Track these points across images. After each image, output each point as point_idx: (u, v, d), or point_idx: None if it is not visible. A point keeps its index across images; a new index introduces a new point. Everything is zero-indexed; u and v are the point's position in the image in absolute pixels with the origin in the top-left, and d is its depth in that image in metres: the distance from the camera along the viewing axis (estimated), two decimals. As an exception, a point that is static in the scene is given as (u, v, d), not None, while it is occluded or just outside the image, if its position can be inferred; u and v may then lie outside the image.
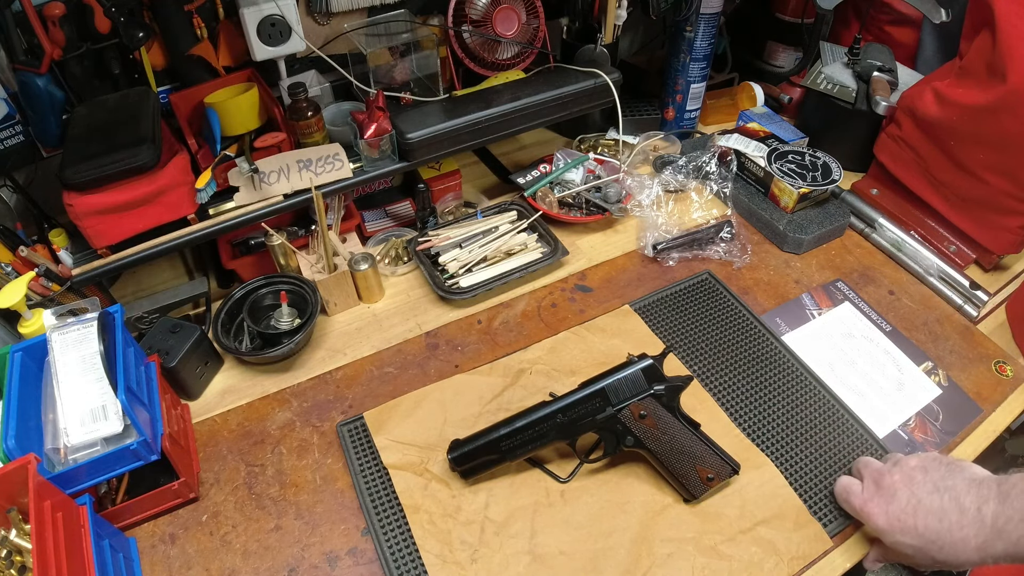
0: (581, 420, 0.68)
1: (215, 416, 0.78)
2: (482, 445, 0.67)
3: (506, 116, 0.92)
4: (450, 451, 0.68)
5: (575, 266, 0.96)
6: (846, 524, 0.67)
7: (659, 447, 0.67)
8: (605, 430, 0.69)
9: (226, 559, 0.65)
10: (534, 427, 0.67)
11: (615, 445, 0.69)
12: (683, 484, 0.67)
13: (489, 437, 0.67)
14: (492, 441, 0.67)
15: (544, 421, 0.67)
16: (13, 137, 0.82)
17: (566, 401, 0.68)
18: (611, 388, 0.68)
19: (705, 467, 0.66)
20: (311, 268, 0.86)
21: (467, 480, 0.69)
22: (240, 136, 0.87)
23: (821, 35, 1.12)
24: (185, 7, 0.83)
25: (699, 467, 0.66)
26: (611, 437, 0.69)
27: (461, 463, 0.68)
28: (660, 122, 1.22)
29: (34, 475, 0.52)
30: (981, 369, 0.83)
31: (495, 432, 0.67)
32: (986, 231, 0.91)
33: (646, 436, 0.67)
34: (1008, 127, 0.82)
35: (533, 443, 0.67)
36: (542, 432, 0.67)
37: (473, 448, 0.67)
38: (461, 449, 0.68)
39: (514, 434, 0.67)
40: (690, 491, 0.67)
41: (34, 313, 0.71)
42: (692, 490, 0.67)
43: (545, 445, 0.68)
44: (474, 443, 0.67)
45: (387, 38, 0.94)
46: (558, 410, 0.68)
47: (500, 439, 0.67)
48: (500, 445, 0.67)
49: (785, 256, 0.98)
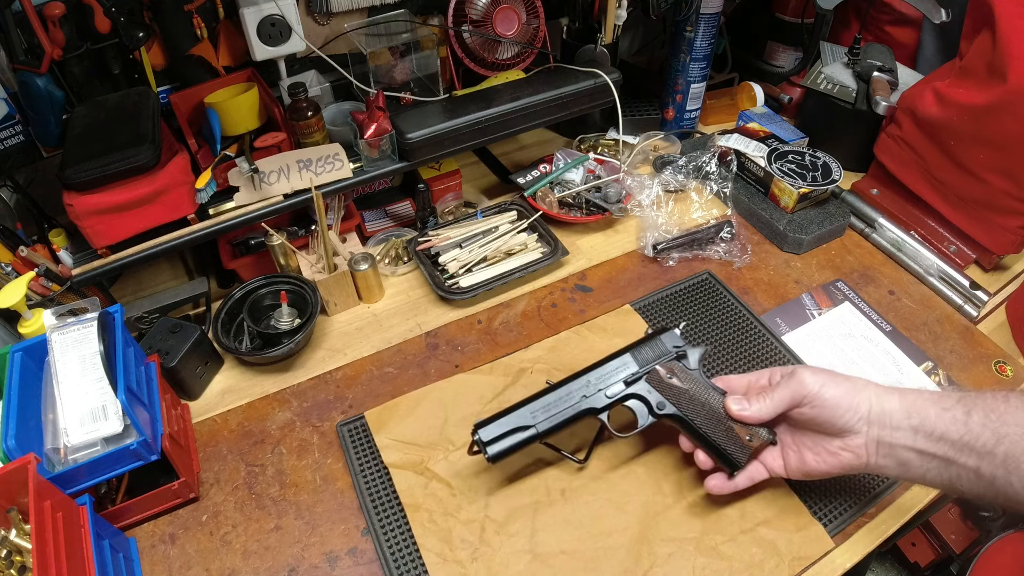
0: (609, 384, 0.66)
1: (215, 416, 0.78)
2: (512, 418, 0.64)
3: (506, 116, 0.92)
4: (477, 429, 0.65)
5: (575, 266, 0.96)
6: (847, 524, 0.67)
7: (693, 411, 0.65)
8: (636, 398, 0.67)
9: (226, 559, 0.65)
10: (564, 397, 0.65)
11: (647, 413, 0.67)
12: (725, 452, 0.64)
13: (518, 410, 0.65)
14: (522, 414, 0.65)
15: (574, 389, 0.66)
16: (13, 137, 0.82)
17: (593, 368, 0.66)
18: (636, 353, 0.67)
19: (741, 428, 0.64)
20: (311, 268, 0.86)
21: (493, 463, 0.65)
22: (240, 136, 0.87)
23: (821, 35, 1.12)
24: (185, 7, 0.83)
25: (736, 429, 0.64)
26: (643, 406, 0.67)
27: (489, 441, 0.64)
28: (660, 122, 1.22)
29: (34, 475, 0.52)
30: (981, 369, 0.83)
31: (524, 405, 0.65)
32: (986, 231, 0.91)
33: (679, 399, 0.65)
34: (1008, 127, 0.82)
35: (563, 414, 0.65)
36: (572, 403, 0.65)
37: (502, 422, 0.64)
38: (489, 425, 0.64)
39: (545, 407, 0.65)
40: (733, 459, 0.64)
41: (34, 313, 0.71)
42: (735, 457, 0.64)
43: (576, 420, 0.66)
44: (503, 417, 0.65)
45: (387, 38, 0.94)
46: (586, 376, 0.66)
47: (530, 412, 0.65)
48: (531, 416, 0.65)
49: (785, 256, 0.98)
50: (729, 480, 0.65)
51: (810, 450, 0.61)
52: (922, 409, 0.56)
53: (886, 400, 0.58)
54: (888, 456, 0.58)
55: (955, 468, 0.55)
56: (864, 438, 0.58)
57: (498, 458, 0.64)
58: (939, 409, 0.56)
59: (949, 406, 0.56)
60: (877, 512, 0.69)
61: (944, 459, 0.55)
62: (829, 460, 0.60)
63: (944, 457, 0.55)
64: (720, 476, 0.65)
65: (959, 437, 0.54)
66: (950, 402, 0.56)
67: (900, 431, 0.57)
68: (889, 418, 0.57)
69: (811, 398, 0.59)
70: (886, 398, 0.58)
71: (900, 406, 0.57)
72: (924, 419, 0.56)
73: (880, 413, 0.57)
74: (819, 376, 0.59)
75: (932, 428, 0.55)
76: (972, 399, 0.56)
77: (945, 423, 0.55)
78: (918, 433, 0.56)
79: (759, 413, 0.62)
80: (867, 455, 0.58)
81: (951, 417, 0.55)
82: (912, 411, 0.57)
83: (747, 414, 0.62)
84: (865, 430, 0.58)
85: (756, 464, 0.65)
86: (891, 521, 0.69)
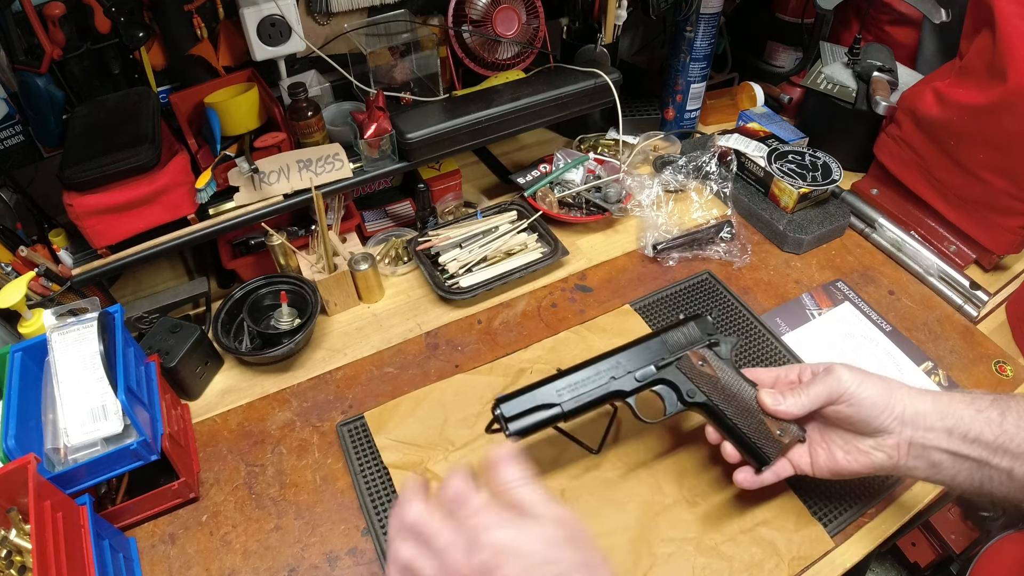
0: (639, 367, 0.64)
1: (215, 416, 0.78)
2: (537, 394, 0.61)
3: (506, 116, 0.92)
4: (499, 403, 0.61)
5: (575, 266, 0.96)
6: (846, 524, 0.67)
7: (724, 401, 0.63)
8: (666, 383, 0.65)
9: (226, 559, 0.65)
10: (592, 377, 0.63)
11: (676, 400, 0.65)
12: (755, 446, 0.62)
13: (543, 387, 0.62)
14: (547, 391, 0.61)
15: (602, 370, 0.63)
16: (13, 137, 0.82)
17: (623, 349, 0.65)
18: (667, 337, 0.66)
19: (772, 423, 0.62)
20: (311, 268, 0.86)
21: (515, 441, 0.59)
22: (240, 136, 0.87)
23: (821, 35, 1.12)
24: (185, 7, 0.83)
25: (768, 423, 0.62)
26: (672, 393, 0.65)
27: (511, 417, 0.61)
28: (660, 122, 1.22)
29: (34, 475, 0.52)
30: (981, 369, 0.83)
31: (549, 382, 0.62)
32: (986, 231, 0.91)
33: (710, 388, 0.63)
34: (1008, 127, 0.82)
35: (591, 395, 0.62)
36: (600, 384, 0.63)
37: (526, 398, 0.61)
38: (512, 400, 0.61)
39: (572, 386, 0.62)
40: (764, 453, 0.62)
41: (34, 313, 0.71)
42: (765, 451, 0.62)
43: (603, 402, 0.63)
44: (527, 393, 0.61)
45: (387, 38, 0.94)
46: (615, 356, 0.64)
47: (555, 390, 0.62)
48: (556, 395, 0.61)
49: (785, 256, 0.98)
50: (756, 475, 0.63)
51: (841, 448, 0.60)
52: (956, 411, 0.56)
53: (919, 401, 0.57)
54: (919, 457, 0.57)
55: (988, 470, 0.55)
56: (897, 438, 0.57)
57: (520, 435, 0.60)
58: (973, 411, 0.55)
59: (983, 408, 0.55)
60: (877, 512, 0.69)
61: (978, 461, 0.55)
62: (860, 459, 0.59)
63: (978, 459, 0.55)
64: (748, 470, 0.64)
65: (994, 439, 0.54)
66: (984, 404, 0.56)
67: (933, 432, 0.56)
68: (923, 419, 0.56)
69: (848, 396, 0.58)
70: (919, 399, 0.57)
71: (934, 408, 0.57)
72: (959, 421, 0.55)
73: (914, 414, 0.57)
74: (856, 374, 0.58)
75: (967, 430, 0.55)
76: (1006, 401, 0.55)
77: (980, 425, 0.55)
78: (952, 435, 0.55)
79: (794, 408, 0.60)
80: (899, 455, 0.57)
81: (985, 419, 0.55)
82: (946, 412, 0.56)
83: (782, 408, 0.61)
84: (899, 430, 0.57)
85: (783, 460, 0.63)
86: (891, 521, 0.69)
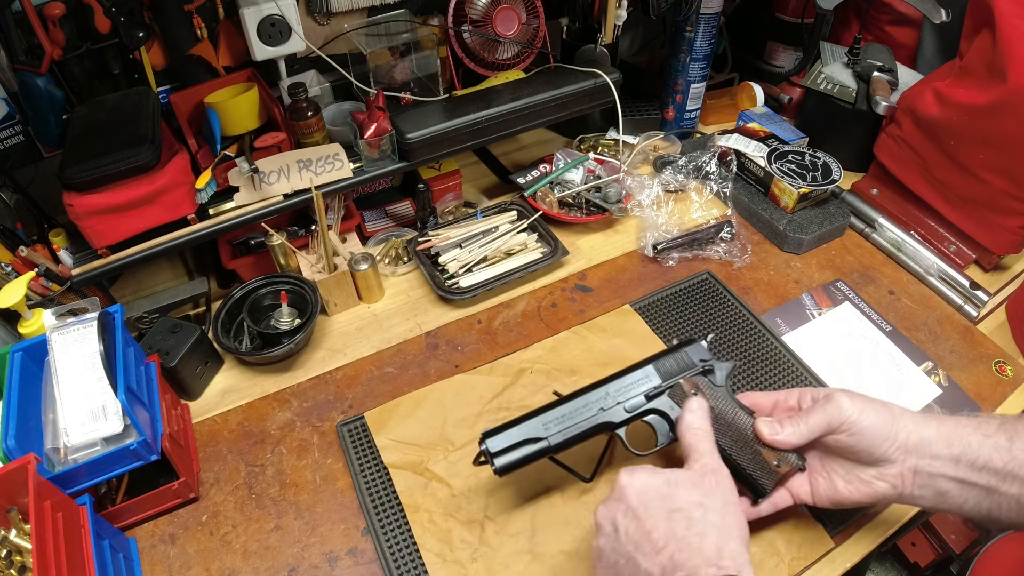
0: (629, 398, 0.63)
1: (215, 416, 0.78)
2: (523, 429, 0.61)
3: (506, 116, 0.92)
4: (485, 438, 0.61)
5: (575, 266, 0.96)
6: (846, 525, 0.67)
7: (719, 431, 0.60)
8: (657, 413, 0.63)
9: (226, 559, 0.65)
10: (580, 409, 0.62)
11: (668, 431, 0.63)
12: (751, 477, 0.60)
13: (530, 420, 0.61)
14: (534, 425, 0.61)
15: (591, 401, 0.62)
16: (13, 137, 0.82)
17: (612, 379, 0.63)
18: (659, 365, 0.64)
19: (769, 452, 0.60)
20: (311, 268, 0.86)
21: (501, 476, 0.61)
22: (240, 136, 0.87)
23: (821, 35, 1.12)
24: (185, 7, 0.83)
25: (764, 452, 0.60)
26: (664, 423, 0.63)
27: (497, 453, 0.60)
28: (660, 122, 1.22)
29: (34, 475, 0.52)
30: (981, 369, 0.83)
31: (536, 415, 0.62)
32: (986, 231, 0.91)
33: None
34: (1008, 127, 0.82)
35: (578, 428, 0.61)
36: (588, 416, 0.61)
37: (512, 432, 0.61)
38: (497, 435, 0.61)
39: (559, 419, 0.61)
40: (759, 484, 0.60)
41: (34, 313, 0.71)
42: (761, 483, 0.60)
43: (591, 434, 0.62)
44: (513, 427, 0.61)
45: (387, 38, 0.94)
46: (604, 387, 0.63)
47: (542, 424, 0.61)
48: (543, 428, 0.61)
49: (785, 256, 0.98)
50: (752, 507, 0.61)
51: (842, 478, 0.58)
52: (963, 437, 0.54)
53: (924, 428, 0.55)
54: (925, 486, 0.55)
55: (996, 497, 0.53)
56: (901, 467, 0.55)
57: (506, 471, 0.60)
58: (980, 436, 0.54)
59: (991, 432, 0.54)
60: (877, 512, 0.69)
61: (986, 488, 0.53)
62: (862, 489, 0.57)
63: (986, 486, 0.53)
64: (743, 502, 0.61)
65: (1003, 465, 0.52)
66: (991, 428, 0.54)
67: (939, 460, 0.54)
68: (928, 447, 0.54)
69: (849, 425, 0.55)
70: (924, 426, 0.55)
71: (939, 434, 0.55)
72: (966, 448, 0.54)
73: (919, 442, 0.55)
74: (857, 402, 0.56)
75: (975, 457, 0.53)
76: (1013, 425, 0.54)
77: (988, 451, 0.53)
78: (959, 463, 0.54)
79: (792, 438, 0.58)
80: (903, 485, 0.55)
81: (994, 444, 0.53)
82: (952, 439, 0.54)
83: (779, 439, 0.58)
84: (902, 459, 0.55)
85: (782, 491, 0.61)
86: (891, 521, 0.68)
